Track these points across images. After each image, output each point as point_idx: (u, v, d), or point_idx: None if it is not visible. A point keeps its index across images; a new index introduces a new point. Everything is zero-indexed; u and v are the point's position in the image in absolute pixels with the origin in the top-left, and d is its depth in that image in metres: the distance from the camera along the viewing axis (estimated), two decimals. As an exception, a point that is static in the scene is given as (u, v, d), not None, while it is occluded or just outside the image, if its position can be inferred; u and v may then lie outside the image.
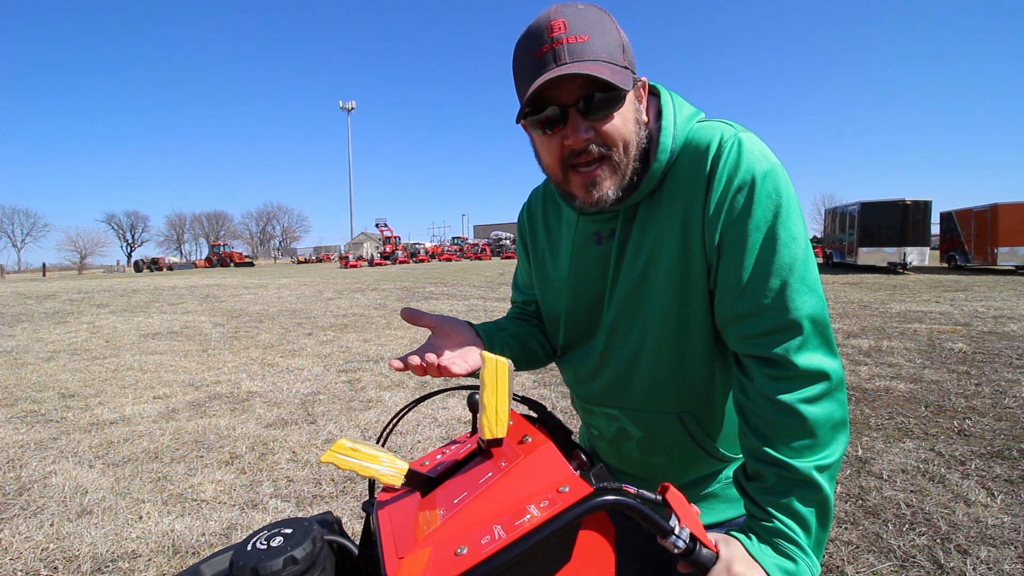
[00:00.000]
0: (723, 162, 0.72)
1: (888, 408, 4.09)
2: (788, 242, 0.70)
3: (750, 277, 0.71)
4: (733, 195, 0.72)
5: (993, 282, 13.70)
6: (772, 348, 0.69)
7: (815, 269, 0.72)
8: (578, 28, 0.69)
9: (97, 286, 21.99)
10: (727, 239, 0.73)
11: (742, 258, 0.71)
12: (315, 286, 18.36)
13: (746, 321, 0.71)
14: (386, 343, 7.36)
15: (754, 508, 0.69)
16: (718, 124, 0.76)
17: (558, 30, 0.69)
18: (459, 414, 4.17)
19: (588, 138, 0.72)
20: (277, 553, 0.50)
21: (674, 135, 0.77)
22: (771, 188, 0.71)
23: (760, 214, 0.71)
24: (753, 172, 0.71)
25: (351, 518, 2.71)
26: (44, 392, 5.27)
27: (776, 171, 0.72)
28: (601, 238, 0.85)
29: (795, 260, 0.70)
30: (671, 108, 0.79)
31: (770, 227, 0.71)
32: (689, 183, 0.75)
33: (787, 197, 0.71)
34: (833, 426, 0.68)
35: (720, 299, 0.74)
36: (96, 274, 53.25)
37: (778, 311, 0.69)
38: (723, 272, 0.73)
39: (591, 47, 0.69)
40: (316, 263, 59.14)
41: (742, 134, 0.74)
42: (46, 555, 2.45)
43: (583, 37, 0.69)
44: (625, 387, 0.86)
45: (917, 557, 2.25)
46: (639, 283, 0.81)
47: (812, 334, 0.69)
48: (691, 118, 0.79)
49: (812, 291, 0.70)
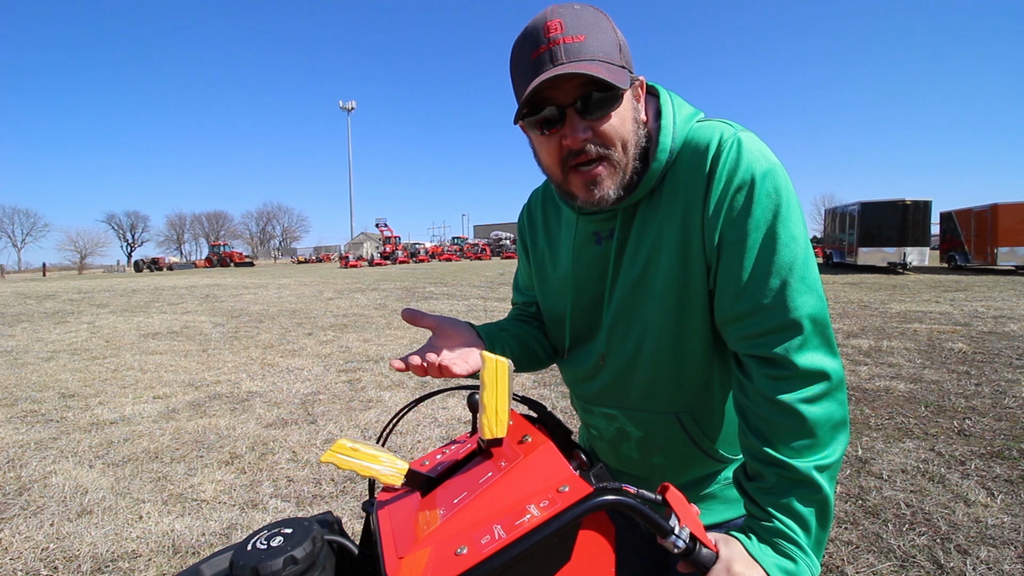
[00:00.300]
0: (723, 161, 0.72)
1: (888, 408, 4.09)
2: (788, 241, 0.70)
3: (750, 277, 0.71)
4: (733, 195, 0.72)
5: (993, 282, 13.70)
6: (772, 348, 0.69)
7: (815, 269, 0.72)
8: (575, 28, 0.69)
9: (97, 286, 21.99)
10: (727, 239, 0.72)
11: (742, 258, 0.71)
12: (315, 286, 18.36)
13: (746, 321, 0.71)
14: (386, 343, 7.36)
15: (754, 508, 0.69)
16: (718, 124, 0.76)
17: (555, 30, 0.69)
18: (459, 414, 4.17)
19: (586, 138, 0.72)
20: (277, 553, 0.50)
21: (673, 135, 0.77)
22: (771, 188, 0.71)
23: (760, 214, 0.71)
24: (753, 172, 0.71)
25: (351, 518, 2.71)
26: (44, 392, 5.27)
27: (776, 170, 0.72)
28: (600, 238, 0.85)
29: (795, 260, 0.70)
30: (670, 108, 0.79)
31: (770, 227, 0.70)
32: (689, 183, 0.75)
33: (787, 197, 0.71)
34: (833, 426, 0.68)
35: (720, 299, 0.74)
36: (96, 274, 53.25)
37: (778, 310, 0.69)
38: (723, 272, 0.73)
39: (588, 47, 0.69)
40: (316, 263, 59.16)
41: (741, 133, 0.74)
42: (46, 555, 2.45)
43: (580, 37, 0.69)
44: (624, 387, 0.86)
45: (917, 557, 2.25)
46: (638, 283, 0.81)
47: (812, 333, 0.69)
48: (690, 118, 0.79)
49: (812, 290, 0.70)
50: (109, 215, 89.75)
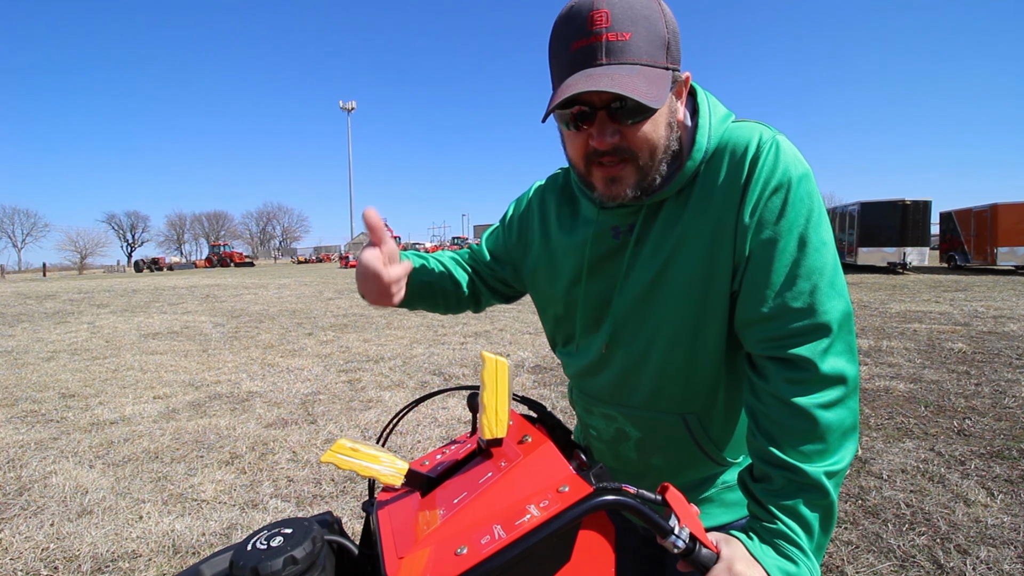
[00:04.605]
0: (762, 163, 0.72)
1: (888, 408, 4.09)
2: (819, 246, 0.70)
3: (781, 280, 0.70)
4: (769, 196, 0.72)
5: (993, 282, 13.70)
6: (796, 350, 0.69)
7: (842, 275, 0.72)
8: (621, 23, 0.65)
9: (97, 286, 21.98)
10: (760, 240, 0.72)
11: (773, 259, 0.71)
12: (315, 286, 18.35)
13: (773, 323, 0.71)
14: (386, 343, 7.36)
15: (758, 509, 0.68)
16: (755, 125, 0.76)
17: (599, 23, 0.65)
18: (459, 414, 4.17)
19: (614, 142, 0.71)
20: (277, 553, 0.50)
21: (709, 135, 0.76)
22: (805, 192, 0.71)
23: (794, 217, 0.71)
24: (790, 175, 0.71)
25: (351, 518, 2.71)
26: (44, 392, 5.27)
27: (810, 176, 0.73)
28: (619, 232, 0.84)
29: (826, 264, 0.70)
30: (707, 107, 0.78)
31: (803, 231, 0.70)
32: (725, 183, 0.74)
33: (818, 202, 0.72)
34: (844, 433, 0.68)
35: (746, 299, 0.74)
36: (96, 274, 53.24)
37: (807, 313, 0.69)
38: (752, 273, 0.73)
39: (632, 47, 0.66)
40: (316, 263, 59.18)
41: (779, 136, 0.74)
42: (46, 555, 2.45)
43: (625, 35, 0.65)
44: (631, 384, 0.85)
45: (917, 557, 2.25)
46: (656, 280, 0.80)
47: (838, 338, 0.68)
48: (725, 118, 0.79)
49: (840, 296, 0.70)
50: (109, 215, 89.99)
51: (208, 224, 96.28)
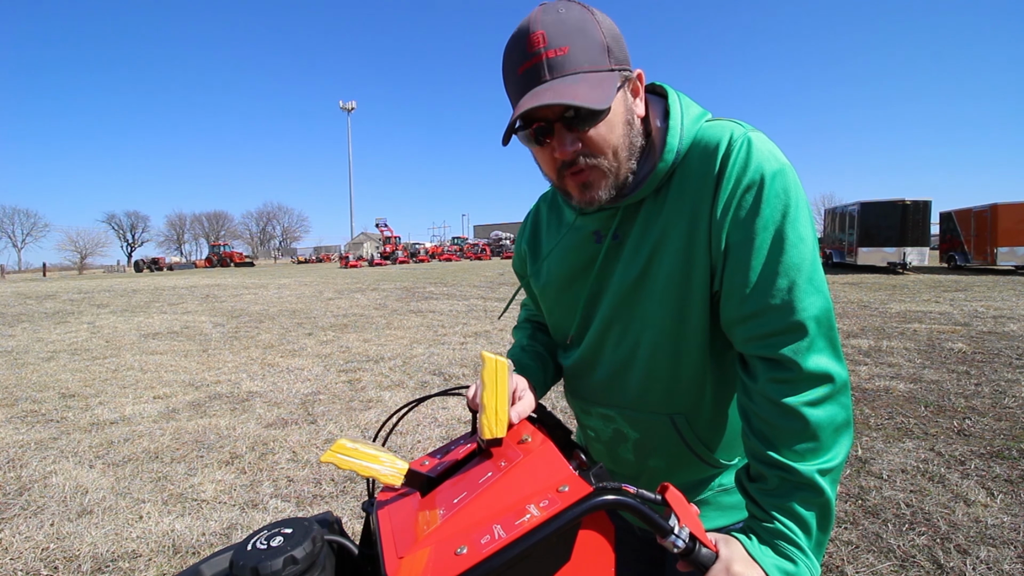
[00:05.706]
0: (732, 161, 0.72)
1: (888, 408, 4.09)
2: (796, 242, 0.70)
3: (757, 277, 0.71)
4: (742, 194, 0.72)
5: (993, 282, 13.70)
6: (778, 349, 0.69)
7: (822, 271, 0.72)
8: (557, 39, 0.68)
9: (97, 286, 21.99)
10: (735, 239, 0.72)
11: (749, 258, 0.71)
12: (315, 286, 18.36)
13: (753, 322, 0.71)
14: (386, 343, 7.36)
15: (755, 509, 0.69)
16: (728, 123, 0.76)
17: (538, 43, 0.69)
18: (459, 414, 4.17)
19: (576, 149, 0.73)
20: (277, 553, 0.50)
21: (681, 135, 0.77)
22: (780, 188, 0.71)
23: (768, 214, 0.71)
24: (762, 172, 0.71)
25: (351, 518, 2.71)
26: (44, 392, 5.27)
27: (785, 171, 0.72)
28: (600, 236, 0.86)
29: (803, 261, 0.70)
30: (678, 108, 0.79)
31: (778, 227, 0.70)
32: (697, 181, 0.75)
33: (796, 197, 0.71)
34: (836, 429, 0.68)
35: (727, 299, 0.74)
36: (96, 274, 53.25)
37: (785, 312, 0.69)
38: (730, 272, 0.73)
39: (572, 59, 0.68)
40: (316, 263, 59.16)
41: (752, 133, 0.74)
42: (46, 555, 2.45)
43: (563, 50, 0.68)
44: (619, 384, 0.86)
45: (917, 557, 2.25)
46: (639, 280, 0.81)
47: (818, 336, 0.68)
48: (699, 118, 0.79)
49: (819, 292, 0.70)
50: (109, 215, 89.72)
51: (208, 224, 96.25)
